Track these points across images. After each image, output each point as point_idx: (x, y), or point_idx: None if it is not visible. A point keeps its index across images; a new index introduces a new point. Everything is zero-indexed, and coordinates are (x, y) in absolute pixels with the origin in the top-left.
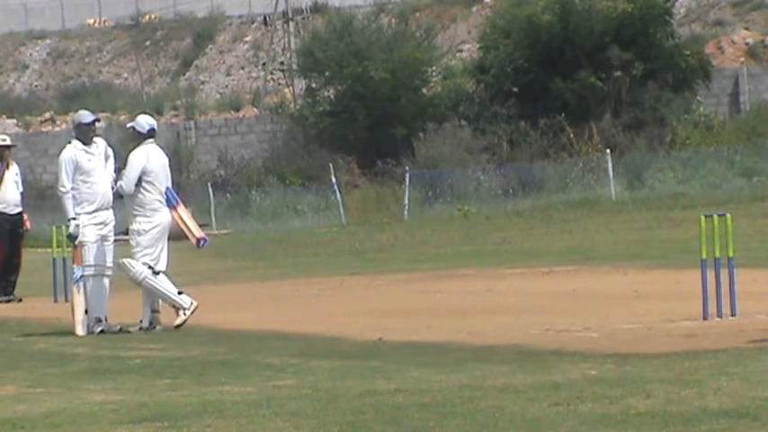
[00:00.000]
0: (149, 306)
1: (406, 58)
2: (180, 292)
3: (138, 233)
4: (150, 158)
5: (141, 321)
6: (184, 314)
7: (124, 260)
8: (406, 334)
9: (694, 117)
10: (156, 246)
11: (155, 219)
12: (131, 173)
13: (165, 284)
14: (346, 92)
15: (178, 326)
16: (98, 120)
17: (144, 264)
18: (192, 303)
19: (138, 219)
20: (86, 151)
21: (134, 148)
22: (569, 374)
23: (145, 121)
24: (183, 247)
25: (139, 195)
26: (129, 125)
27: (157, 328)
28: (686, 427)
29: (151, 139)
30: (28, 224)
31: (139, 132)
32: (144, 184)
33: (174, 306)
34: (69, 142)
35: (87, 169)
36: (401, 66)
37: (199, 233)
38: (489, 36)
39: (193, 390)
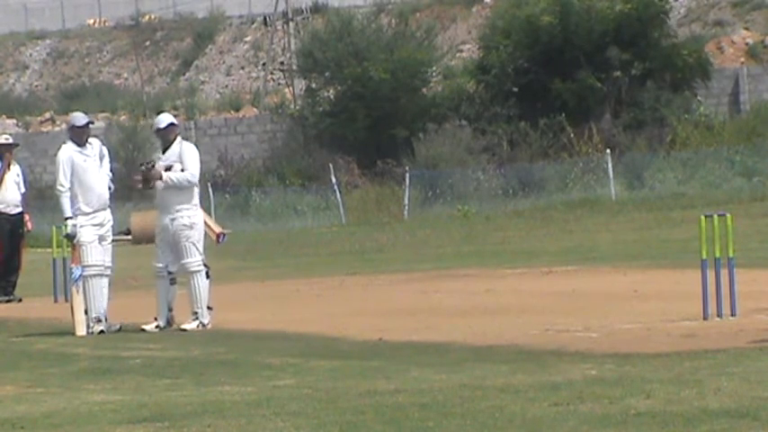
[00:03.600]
0: (166, 304)
1: (406, 58)
2: (210, 308)
3: (191, 227)
4: None
5: (156, 320)
6: (198, 327)
7: (190, 243)
8: (406, 334)
9: (694, 117)
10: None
11: (200, 212)
12: (197, 163)
13: (207, 290)
14: (346, 92)
15: (182, 329)
16: (92, 122)
17: (204, 260)
18: (209, 323)
19: (189, 213)
20: (81, 152)
21: (169, 146)
22: (569, 374)
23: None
24: None
25: (191, 190)
26: (165, 124)
27: (173, 326)
28: (686, 427)
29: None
30: (29, 225)
31: (168, 127)
32: None
33: (194, 311)
34: (64, 143)
35: (83, 170)
36: (401, 66)
37: (219, 228)
38: (489, 36)
39: (193, 390)
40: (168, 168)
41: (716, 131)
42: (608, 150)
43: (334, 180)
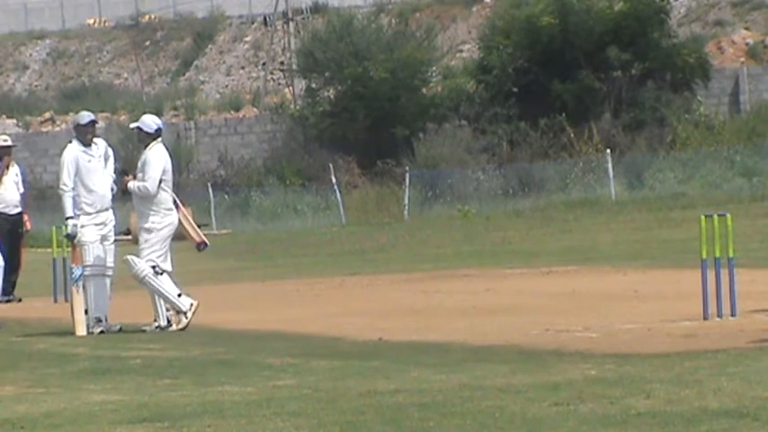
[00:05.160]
0: (162, 304)
1: (406, 58)
2: (179, 294)
3: (149, 231)
4: (167, 158)
5: (156, 321)
6: (186, 317)
7: (128, 257)
8: (406, 334)
9: (694, 117)
10: (164, 244)
11: (167, 218)
12: (155, 173)
13: (166, 285)
14: (346, 92)
15: (182, 329)
16: (96, 121)
17: (149, 261)
18: (191, 305)
19: (152, 218)
20: (86, 152)
21: (145, 149)
22: (569, 374)
23: (152, 121)
24: (183, 247)
25: (156, 195)
26: (133, 126)
27: (173, 326)
28: (686, 427)
29: (160, 139)
30: (28, 225)
31: (147, 133)
32: (161, 183)
33: (174, 308)
34: (70, 142)
35: (87, 170)
36: (401, 66)
37: (200, 237)
38: (489, 36)
39: (193, 390)
40: (134, 176)
41: (716, 131)
42: (608, 150)
43: (334, 180)
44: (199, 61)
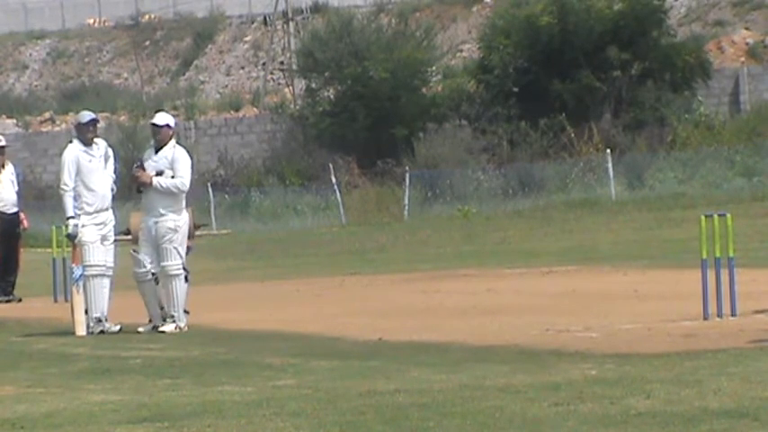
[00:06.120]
0: (157, 305)
1: (406, 58)
2: (186, 312)
3: (175, 230)
4: None
5: (151, 321)
6: (175, 329)
7: (172, 247)
8: (406, 334)
9: (694, 117)
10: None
11: (185, 216)
12: (189, 172)
13: (184, 294)
14: (346, 92)
15: (159, 330)
16: (97, 120)
17: (184, 266)
18: (184, 327)
19: (174, 217)
20: (87, 152)
21: (164, 147)
22: (569, 374)
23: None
24: None
25: (178, 194)
26: (160, 122)
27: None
28: (686, 427)
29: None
30: (25, 223)
31: (174, 131)
32: None
33: (171, 314)
34: (71, 142)
35: (88, 170)
36: (401, 66)
37: (189, 242)
38: (489, 36)
39: (193, 390)
40: (159, 173)
41: (716, 131)
42: (608, 150)
43: (334, 180)
44: (199, 61)
